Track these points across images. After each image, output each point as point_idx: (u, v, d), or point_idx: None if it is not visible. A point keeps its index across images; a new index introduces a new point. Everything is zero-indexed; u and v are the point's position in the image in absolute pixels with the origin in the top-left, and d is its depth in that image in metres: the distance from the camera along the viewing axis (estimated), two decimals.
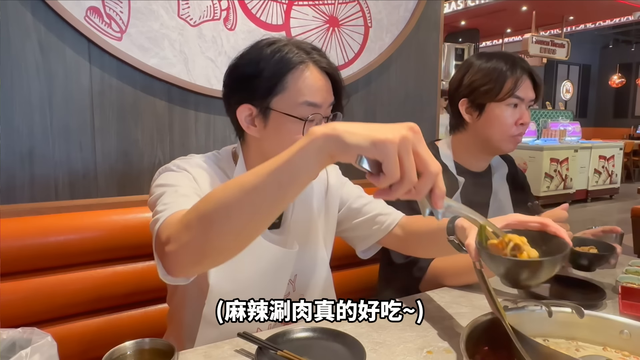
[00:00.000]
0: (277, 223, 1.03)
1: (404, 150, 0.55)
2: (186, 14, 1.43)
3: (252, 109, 0.92)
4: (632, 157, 9.96)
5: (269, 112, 0.90)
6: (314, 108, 0.90)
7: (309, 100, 0.89)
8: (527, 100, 1.31)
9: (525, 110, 1.31)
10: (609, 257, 1.12)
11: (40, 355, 0.58)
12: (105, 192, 1.38)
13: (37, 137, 1.28)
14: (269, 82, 0.89)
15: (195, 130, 1.51)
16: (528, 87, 1.30)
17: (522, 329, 0.71)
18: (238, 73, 0.93)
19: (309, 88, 0.89)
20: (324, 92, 0.91)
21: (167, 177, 0.90)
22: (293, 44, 0.92)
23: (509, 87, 1.28)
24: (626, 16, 9.58)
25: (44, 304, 1.11)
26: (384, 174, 0.55)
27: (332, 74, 0.94)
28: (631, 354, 0.77)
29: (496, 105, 1.30)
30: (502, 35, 10.10)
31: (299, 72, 0.89)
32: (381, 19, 1.82)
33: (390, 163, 0.54)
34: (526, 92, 1.30)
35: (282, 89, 0.89)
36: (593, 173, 7.39)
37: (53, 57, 1.27)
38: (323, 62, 0.92)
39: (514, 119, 1.30)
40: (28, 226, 1.11)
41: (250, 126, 0.93)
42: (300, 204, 1.06)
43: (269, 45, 0.91)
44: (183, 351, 0.82)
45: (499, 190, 1.43)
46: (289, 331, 0.85)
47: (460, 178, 1.33)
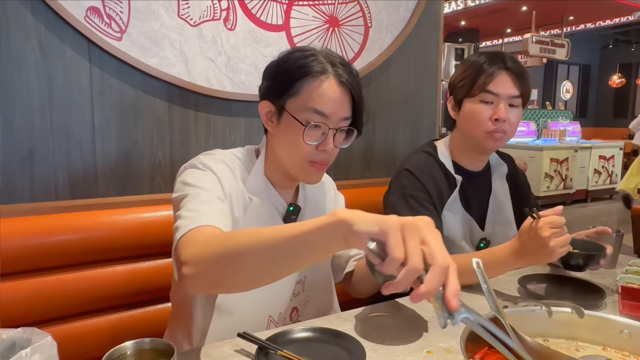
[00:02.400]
0: (295, 218, 1.05)
1: (408, 232, 0.53)
2: (186, 14, 1.43)
3: (271, 106, 0.97)
4: (632, 157, 9.95)
5: (282, 112, 0.95)
6: (320, 117, 0.92)
7: (316, 108, 0.91)
8: (505, 95, 1.26)
9: (503, 106, 1.26)
10: (599, 257, 1.11)
11: (40, 355, 0.58)
12: (105, 192, 1.38)
13: (37, 137, 1.28)
14: (286, 83, 0.94)
15: (195, 130, 1.51)
16: (505, 82, 1.26)
17: (522, 329, 0.71)
18: (267, 70, 0.99)
19: (320, 97, 0.92)
20: (336, 104, 0.93)
21: (192, 175, 0.92)
22: (323, 55, 0.95)
23: (481, 82, 1.26)
24: (626, 16, 9.57)
25: (44, 304, 1.11)
26: (387, 256, 0.52)
27: (353, 90, 0.96)
28: (631, 354, 0.77)
29: (470, 100, 1.29)
30: (502, 35, 10.09)
31: (317, 81, 0.92)
32: (381, 19, 1.82)
33: (391, 240, 0.52)
34: (502, 87, 1.26)
35: (296, 92, 0.93)
36: (593, 173, 7.38)
37: (53, 57, 1.27)
38: (344, 77, 0.94)
39: (487, 114, 1.27)
40: (28, 226, 1.11)
41: (268, 122, 0.99)
42: (313, 207, 1.09)
43: (299, 51, 0.96)
44: (183, 351, 0.82)
45: (498, 189, 1.43)
46: (289, 331, 0.85)
47: (457, 177, 1.34)
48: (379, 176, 1.93)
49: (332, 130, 0.94)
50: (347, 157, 1.84)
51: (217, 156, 0.98)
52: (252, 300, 0.96)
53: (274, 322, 1.02)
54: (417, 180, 1.30)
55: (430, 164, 1.36)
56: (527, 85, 1.29)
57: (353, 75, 0.97)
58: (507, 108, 1.27)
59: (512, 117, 1.28)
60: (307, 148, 0.94)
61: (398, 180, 1.34)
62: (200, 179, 0.91)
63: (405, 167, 1.34)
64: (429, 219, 0.56)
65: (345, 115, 0.95)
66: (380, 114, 1.91)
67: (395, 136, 1.96)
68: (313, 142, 0.93)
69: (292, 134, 0.93)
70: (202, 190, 0.88)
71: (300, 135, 0.92)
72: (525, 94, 1.30)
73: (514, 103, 1.28)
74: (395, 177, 1.37)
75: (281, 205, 1.04)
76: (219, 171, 0.94)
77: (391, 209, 1.32)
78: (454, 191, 1.34)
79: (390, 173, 1.99)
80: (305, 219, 1.04)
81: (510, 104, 1.27)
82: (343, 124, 0.96)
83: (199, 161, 0.95)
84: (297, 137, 0.92)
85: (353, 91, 0.96)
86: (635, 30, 11.68)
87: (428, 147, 1.42)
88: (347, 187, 1.64)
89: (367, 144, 1.89)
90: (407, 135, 1.98)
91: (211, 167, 0.94)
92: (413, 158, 1.38)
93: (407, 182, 1.31)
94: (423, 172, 1.32)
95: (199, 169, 0.93)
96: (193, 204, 0.84)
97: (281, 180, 1.04)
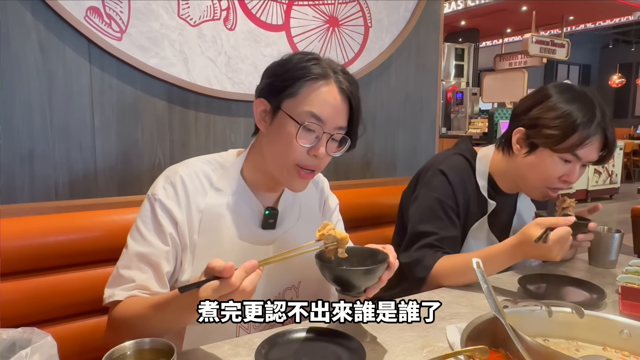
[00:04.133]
0: (273, 223, 1.03)
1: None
2: (186, 14, 1.43)
3: (266, 104, 0.96)
4: (632, 157, 9.96)
5: (278, 111, 0.94)
6: (316, 120, 0.91)
7: (313, 112, 0.90)
8: (585, 161, 1.17)
9: (577, 169, 1.18)
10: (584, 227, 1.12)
11: (40, 355, 0.58)
12: (105, 192, 1.38)
13: (37, 137, 1.28)
14: (285, 82, 0.92)
15: (195, 130, 1.51)
16: (594, 148, 1.15)
17: (522, 329, 0.71)
18: (268, 69, 0.99)
19: (319, 101, 0.91)
20: (333, 110, 0.92)
21: (142, 213, 0.95)
22: (325, 61, 0.95)
23: (572, 142, 1.13)
24: (626, 16, 9.58)
25: (44, 304, 1.11)
26: None
27: (351, 99, 0.95)
28: (631, 354, 0.77)
29: (549, 153, 1.17)
30: (502, 35, 10.09)
31: (317, 84, 0.91)
32: (381, 19, 1.82)
33: None
34: (589, 154, 1.15)
35: (294, 92, 0.92)
36: (593, 173, 7.38)
37: (53, 57, 1.27)
38: (344, 84, 0.93)
39: (560, 172, 1.18)
40: (28, 226, 1.11)
41: (261, 120, 0.98)
42: (295, 211, 1.07)
43: (302, 55, 0.95)
44: (183, 351, 0.82)
45: (522, 208, 1.39)
46: (289, 331, 0.85)
47: (491, 202, 1.30)
48: (378, 176, 1.93)
49: (327, 135, 0.92)
50: (347, 157, 1.84)
51: (177, 175, 0.96)
52: None
53: (244, 328, 0.99)
54: (449, 186, 1.26)
55: (466, 172, 1.31)
56: (611, 149, 1.18)
57: (353, 85, 0.95)
58: (580, 170, 1.19)
59: (577, 177, 1.20)
60: (298, 150, 0.92)
61: (428, 178, 1.30)
62: (144, 221, 0.94)
63: (440, 168, 1.29)
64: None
65: (341, 125, 0.94)
66: (380, 114, 1.91)
67: (395, 136, 1.96)
68: (306, 145, 0.92)
69: (285, 134, 0.92)
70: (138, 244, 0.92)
71: (294, 136, 0.91)
72: (609, 154, 1.20)
73: (587, 164, 1.20)
74: (425, 173, 1.33)
75: (258, 208, 1.02)
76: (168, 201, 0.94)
77: (416, 206, 1.29)
78: (484, 216, 1.30)
79: (391, 173, 2.00)
80: (285, 224, 1.05)
81: (583, 165, 1.19)
82: (338, 132, 0.94)
83: (153, 193, 0.95)
84: (290, 138, 0.91)
85: (352, 100, 0.95)
86: (635, 30, 11.70)
87: (467, 151, 1.35)
88: (347, 187, 1.64)
89: (367, 144, 1.89)
90: (407, 135, 1.98)
91: (161, 199, 0.94)
92: (450, 159, 1.32)
93: (438, 184, 1.27)
94: (457, 179, 1.27)
95: (150, 204, 0.94)
96: (126, 260, 0.92)
97: (264, 182, 1.02)
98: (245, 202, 1.00)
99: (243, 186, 1.00)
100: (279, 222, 1.04)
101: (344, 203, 1.26)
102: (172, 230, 0.93)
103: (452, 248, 1.24)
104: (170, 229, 0.93)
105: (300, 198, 1.09)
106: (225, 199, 0.98)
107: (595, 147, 1.16)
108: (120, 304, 0.88)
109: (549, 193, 1.22)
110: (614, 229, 1.33)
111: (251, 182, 1.02)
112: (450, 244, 1.24)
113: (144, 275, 0.90)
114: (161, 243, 0.92)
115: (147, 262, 0.91)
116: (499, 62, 8.38)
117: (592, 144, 1.14)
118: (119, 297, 0.88)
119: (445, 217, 1.24)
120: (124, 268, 0.92)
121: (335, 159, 1.00)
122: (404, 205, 1.41)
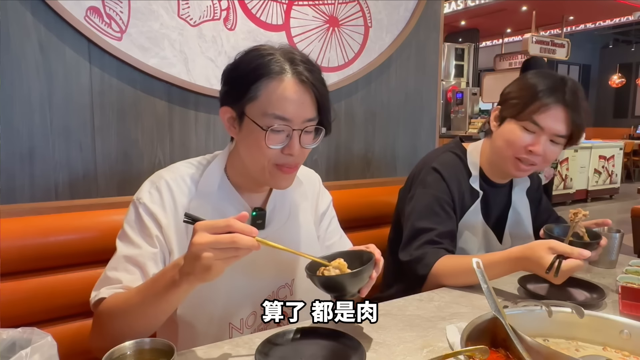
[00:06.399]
0: (261, 224, 1.02)
1: None
2: (186, 14, 1.43)
3: (231, 112, 0.93)
4: (632, 157, 9.96)
5: (243, 117, 0.91)
6: (282, 121, 0.88)
7: (276, 113, 0.87)
8: (549, 131, 1.19)
9: (543, 140, 1.19)
10: (595, 245, 1.12)
11: (40, 355, 0.58)
12: (105, 192, 1.38)
13: (37, 137, 1.28)
14: (242, 87, 0.88)
15: (195, 130, 1.51)
16: (556, 118, 1.17)
17: (522, 329, 0.71)
18: (223, 74, 0.95)
19: (279, 100, 0.87)
20: (296, 106, 0.88)
21: (128, 218, 0.95)
22: (281, 53, 0.89)
23: (531, 109, 1.17)
24: (626, 16, 9.57)
25: (44, 304, 1.11)
26: None
27: (316, 88, 0.90)
28: (631, 354, 0.77)
29: (513, 122, 1.22)
30: (502, 35, 10.09)
31: (274, 82, 0.87)
32: (381, 19, 1.82)
33: None
34: (550, 122, 1.17)
35: (254, 96, 0.88)
36: (593, 173, 7.38)
37: (53, 57, 1.27)
38: (304, 75, 0.88)
39: (524, 142, 1.20)
40: (28, 226, 1.11)
41: (231, 127, 0.95)
42: (284, 210, 1.06)
43: (255, 51, 0.91)
44: (183, 351, 0.82)
45: (517, 202, 1.40)
46: (289, 331, 0.85)
47: (479, 191, 1.32)
48: (378, 176, 1.93)
49: (297, 131, 0.89)
50: (347, 157, 1.84)
51: (162, 181, 0.96)
52: (214, 309, 0.95)
53: (236, 329, 0.98)
54: (443, 182, 1.28)
55: (457, 167, 1.33)
56: (579, 125, 1.20)
57: (314, 72, 0.90)
58: (546, 143, 1.20)
59: (548, 153, 1.22)
60: (272, 152, 0.89)
61: (423, 177, 1.32)
62: (131, 226, 0.93)
63: (433, 166, 1.31)
64: None
65: (309, 117, 0.90)
66: (380, 114, 1.91)
67: (395, 136, 1.96)
68: (277, 146, 0.89)
69: (255, 140, 0.89)
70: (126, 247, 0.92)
71: (263, 140, 0.87)
72: (575, 134, 1.22)
73: (556, 140, 1.21)
74: (419, 173, 1.34)
75: (245, 209, 0.99)
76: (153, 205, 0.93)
77: (413, 205, 1.30)
78: (475, 202, 1.32)
79: (390, 173, 2.00)
80: (274, 224, 1.03)
81: (552, 140, 1.21)
82: (308, 125, 0.90)
83: (138, 198, 0.95)
84: (260, 142, 0.88)
85: (314, 89, 0.89)
86: (635, 30, 11.69)
87: (457, 148, 1.39)
88: (347, 187, 1.64)
89: (367, 144, 1.89)
90: (407, 135, 1.98)
91: (146, 204, 0.93)
92: (441, 157, 1.35)
93: (432, 181, 1.29)
94: (450, 174, 1.30)
95: (136, 208, 0.94)
96: (113, 263, 0.92)
97: (247, 184, 1.01)
98: (231, 204, 0.99)
99: (229, 187, 0.99)
100: (268, 222, 1.03)
101: (344, 203, 1.26)
102: (157, 233, 0.92)
103: (451, 242, 1.26)
104: (156, 232, 0.92)
105: (291, 196, 1.07)
106: (211, 201, 0.97)
107: (558, 118, 1.18)
108: (105, 300, 0.86)
109: (519, 165, 1.25)
110: (614, 229, 1.33)
111: (236, 184, 1.00)
112: (450, 238, 1.26)
113: (131, 276, 0.89)
114: (148, 245, 0.91)
115: (134, 263, 0.90)
116: (499, 62, 8.38)
117: (552, 114, 1.17)
118: (103, 295, 0.86)
119: (442, 212, 1.26)
120: (111, 270, 0.91)
121: (335, 159, 1.00)
122: (400, 205, 1.42)
